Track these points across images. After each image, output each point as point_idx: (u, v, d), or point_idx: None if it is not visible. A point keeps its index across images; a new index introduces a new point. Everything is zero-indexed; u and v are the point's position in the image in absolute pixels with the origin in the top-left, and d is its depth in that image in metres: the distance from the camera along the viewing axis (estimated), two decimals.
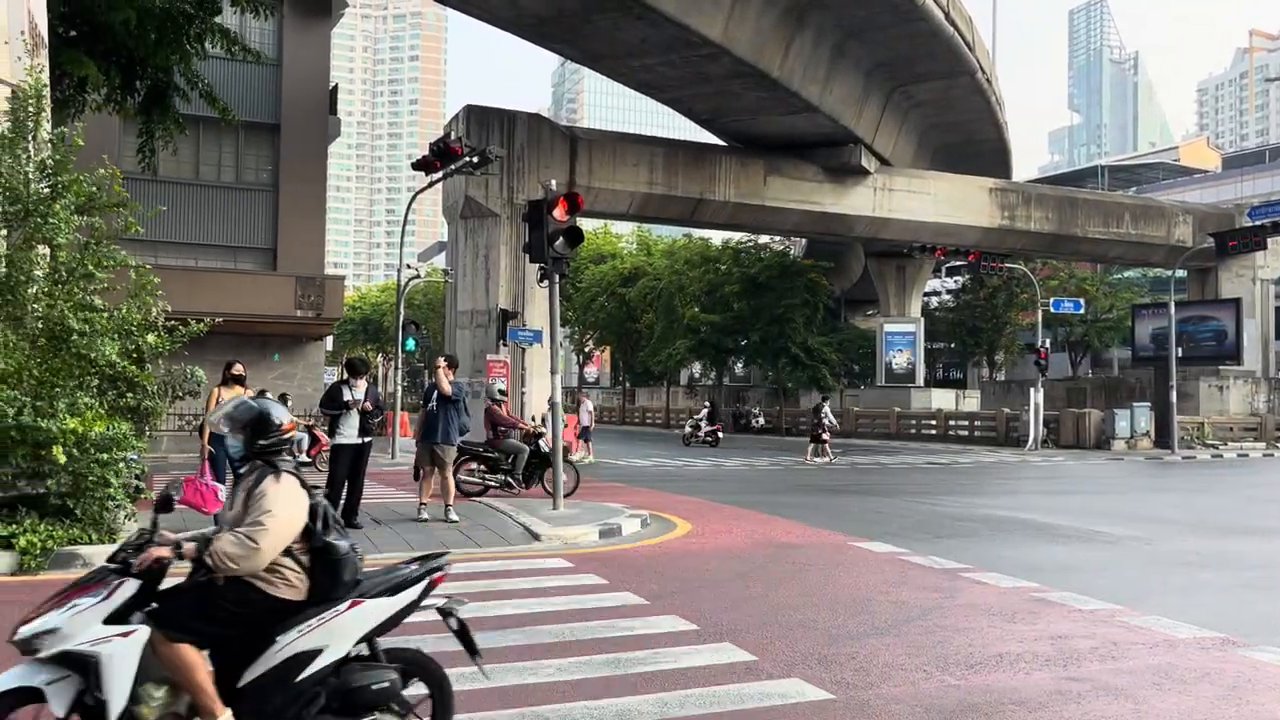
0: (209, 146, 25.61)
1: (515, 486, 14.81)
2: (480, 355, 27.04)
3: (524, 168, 27.73)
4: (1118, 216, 39.90)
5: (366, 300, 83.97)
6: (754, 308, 41.91)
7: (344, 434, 10.80)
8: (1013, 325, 50.90)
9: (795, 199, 32.66)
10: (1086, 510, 14.79)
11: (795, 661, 5.87)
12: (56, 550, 8.27)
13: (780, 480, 20.05)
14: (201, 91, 15.23)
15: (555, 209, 12.24)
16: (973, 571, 9.04)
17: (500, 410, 15.28)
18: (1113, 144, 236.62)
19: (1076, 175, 73.40)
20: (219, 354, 17.92)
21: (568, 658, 5.86)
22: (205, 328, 9.82)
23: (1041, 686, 5.47)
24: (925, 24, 26.33)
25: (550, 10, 22.90)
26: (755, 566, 9.19)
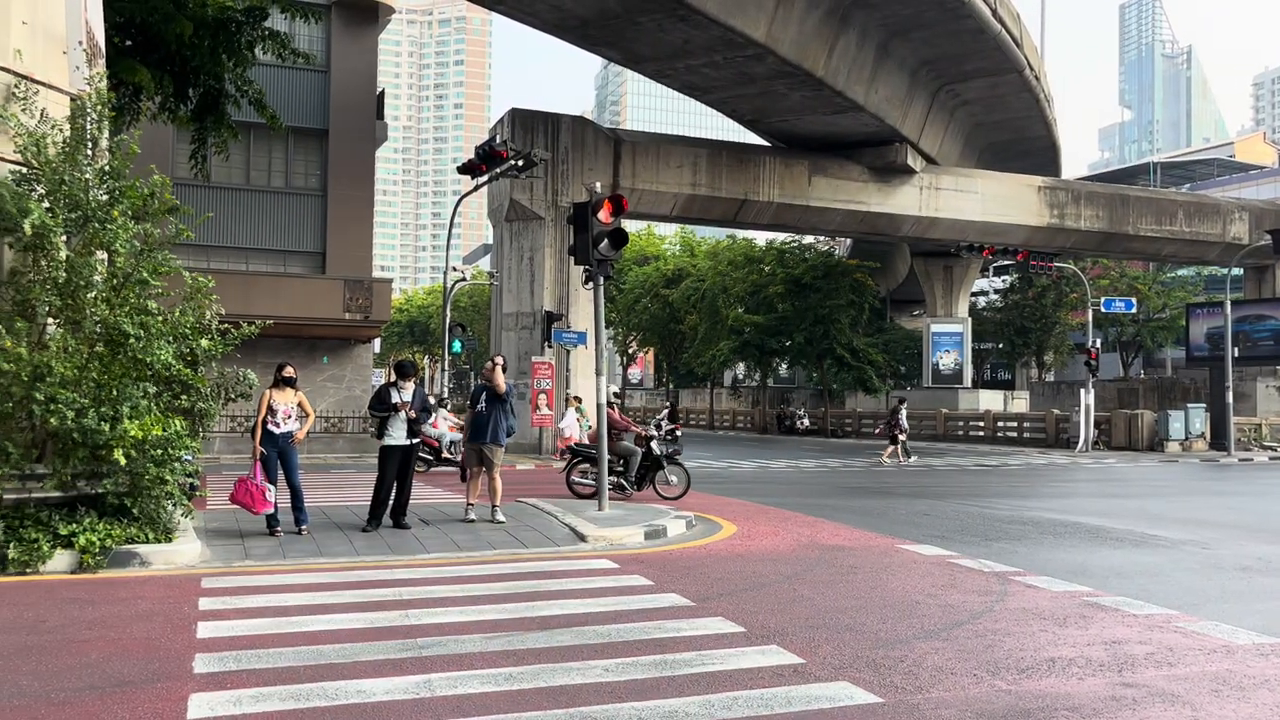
0: (259, 152, 26.02)
1: (628, 489, 14.96)
2: (525, 357, 27.22)
3: (568, 170, 27.86)
4: (1171, 214, 39.15)
5: (413, 303, 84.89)
6: (798, 308, 41.70)
7: (392, 435, 10.91)
8: (1062, 325, 50.15)
9: (840, 199, 32.46)
10: (1140, 513, 14.53)
11: (843, 664, 5.84)
12: (115, 549, 8.46)
13: (827, 482, 19.94)
14: (251, 98, 15.49)
15: (600, 211, 12.28)
16: (1023, 575, 8.93)
17: (613, 413, 15.37)
18: (1165, 140, 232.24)
19: (1128, 173, 72.10)
20: (270, 356, 18.22)
21: (615, 658, 5.87)
22: (256, 330, 9.97)
23: (1095, 692, 5.38)
24: (972, 21, 26.06)
25: (593, 13, 23.01)
26: (802, 569, 9.14)
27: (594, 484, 14.89)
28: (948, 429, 39.00)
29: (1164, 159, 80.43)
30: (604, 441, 12.81)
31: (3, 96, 9.12)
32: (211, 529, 10.56)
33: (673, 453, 15.60)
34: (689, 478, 15.33)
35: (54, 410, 8.24)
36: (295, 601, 7.35)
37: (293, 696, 5.08)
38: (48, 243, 8.71)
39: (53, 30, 9.72)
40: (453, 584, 8.11)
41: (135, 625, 6.52)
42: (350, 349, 27.51)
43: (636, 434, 15.58)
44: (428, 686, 5.28)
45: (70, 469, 8.58)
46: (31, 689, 5.15)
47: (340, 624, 6.65)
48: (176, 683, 5.29)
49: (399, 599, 7.49)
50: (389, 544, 10.00)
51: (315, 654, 5.87)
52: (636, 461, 15.08)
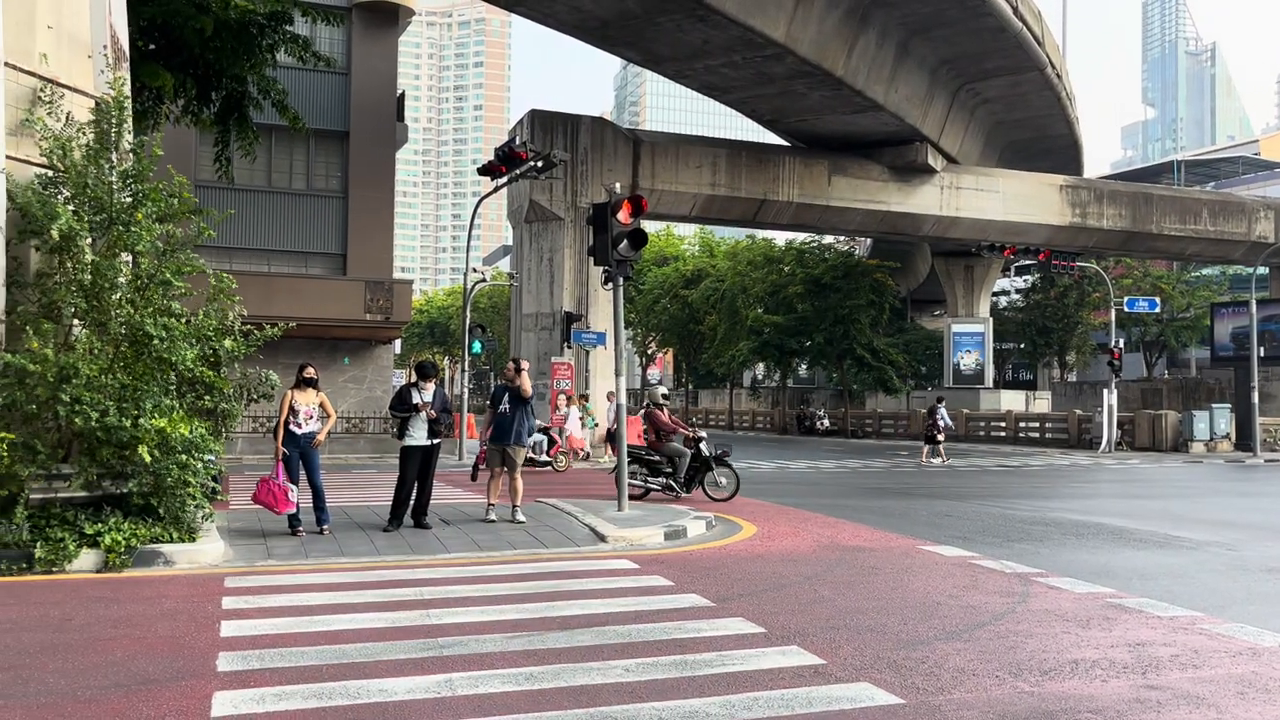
0: (280, 154, 26.19)
1: (677, 490, 14.96)
2: (545, 358, 27.26)
3: (587, 171, 27.88)
4: (1195, 213, 38.79)
5: (433, 304, 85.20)
6: (818, 309, 41.58)
7: (413, 436, 10.96)
8: (1084, 325, 49.76)
9: (860, 199, 32.34)
10: (1164, 514, 14.41)
11: (864, 665, 5.82)
12: (140, 548, 8.54)
13: (847, 483, 19.88)
14: (274, 100, 15.60)
15: (619, 212, 12.29)
16: (1046, 576, 8.87)
17: (662, 415, 15.40)
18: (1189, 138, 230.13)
19: (1151, 171, 71.46)
20: (291, 357, 18.33)
21: (635, 658, 5.88)
22: (279, 332, 10.04)
23: (1119, 695, 5.35)
24: (992, 19, 25.91)
25: (613, 13, 23.01)
26: (822, 569, 9.12)
27: (643, 485, 14.99)
28: (969, 430, 38.79)
29: (1188, 157, 79.66)
30: (623, 441, 12.81)
31: (29, 101, 9.23)
32: (234, 529, 10.63)
33: (721, 454, 15.46)
34: (738, 479, 15.21)
35: (79, 410, 8.33)
36: (317, 601, 7.40)
37: (315, 695, 5.11)
38: (73, 245, 8.81)
39: (78, 35, 9.82)
40: (473, 584, 8.14)
41: (160, 624, 6.58)
42: (371, 350, 27.64)
43: (685, 435, 15.52)
44: (449, 686, 5.31)
45: (96, 468, 8.67)
46: (58, 687, 5.21)
47: (362, 623, 6.69)
48: (200, 681, 5.33)
49: (420, 598, 7.52)
50: (410, 544, 10.04)
51: (337, 653, 5.91)
52: (685, 463, 15.04)
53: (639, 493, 14.93)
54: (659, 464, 15.10)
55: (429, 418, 10.90)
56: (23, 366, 8.23)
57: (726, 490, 14.91)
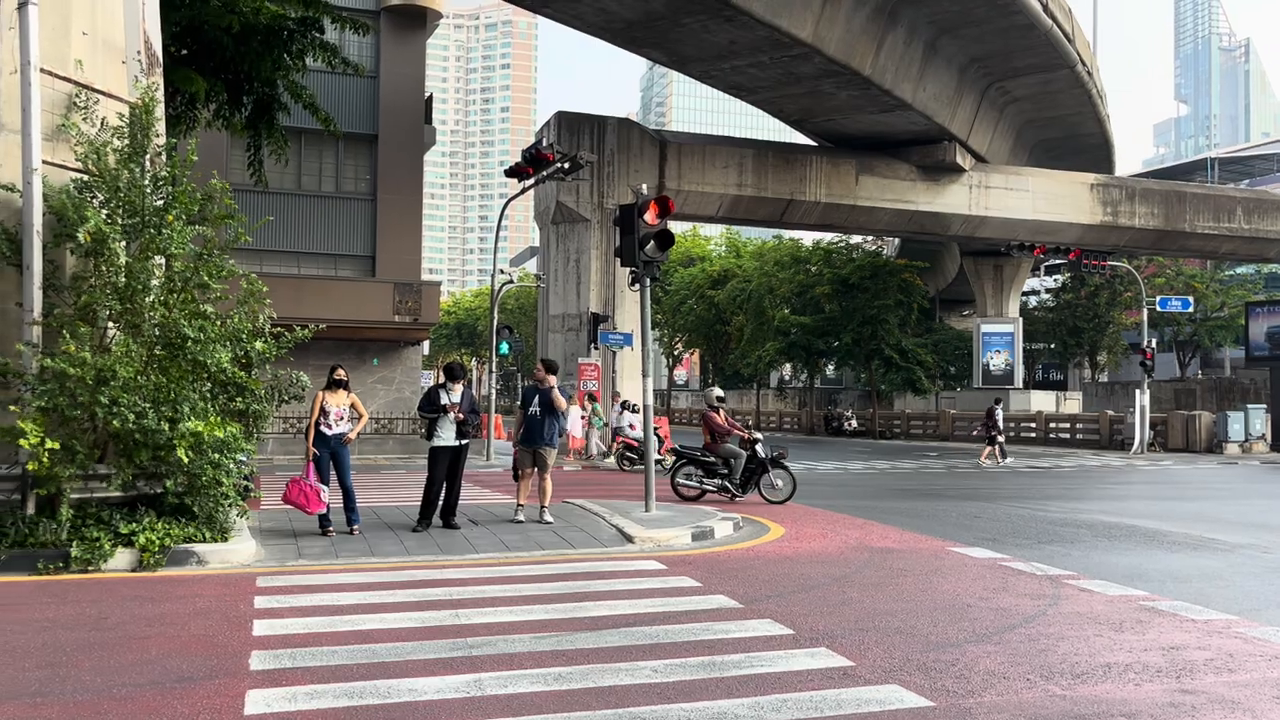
0: (310, 157, 26.42)
1: (733, 492, 14.86)
2: (571, 358, 27.33)
3: (614, 172, 27.93)
4: (1229, 210, 38.29)
5: (461, 305, 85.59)
6: (845, 309, 41.41)
7: (441, 436, 11.02)
8: (1116, 325, 49.24)
9: (888, 198, 32.18)
10: (1198, 516, 14.23)
11: (893, 668, 5.79)
12: (173, 548, 8.64)
13: (875, 484, 19.78)
14: (305, 104, 15.74)
15: (646, 213, 12.29)
16: (1077, 579, 8.79)
17: (717, 416, 15.39)
18: (1223, 135, 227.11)
19: (1184, 169, 70.62)
20: (321, 359, 18.50)
21: (663, 659, 5.88)
22: (309, 334, 10.13)
23: (1153, 699, 5.29)
24: (1022, 17, 25.71)
25: (639, 14, 23.05)
26: (851, 571, 9.08)
27: (699, 486, 14.95)
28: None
29: (1222, 154, 78.58)
30: (649, 442, 12.82)
31: (65, 106, 9.37)
32: (266, 529, 10.74)
33: (778, 455, 15.28)
34: (795, 481, 15.03)
35: (117, 412, 8.45)
36: (348, 600, 7.46)
37: (346, 694, 5.16)
38: (107, 248, 8.93)
39: (112, 40, 9.96)
40: (502, 584, 8.17)
41: (193, 622, 6.66)
42: (400, 351, 27.82)
43: (741, 436, 15.45)
44: (478, 686, 5.33)
45: (132, 469, 8.79)
46: (94, 684, 5.28)
47: (392, 623, 6.74)
48: (234, 679, 5.39)
49: (449, 598, 7.56)
50: (439, 544, 10.10)
51: (368, 652, 5.96)
52: (741, 464, 14.91)
53: (694, 494, 14.90)
54: (714, 465, 15.02)
55: (456, 419, 10.96)
56: (63, 370, 8.36)
57: (783, 493, 14.75)
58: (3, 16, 9.09)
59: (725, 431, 15.29)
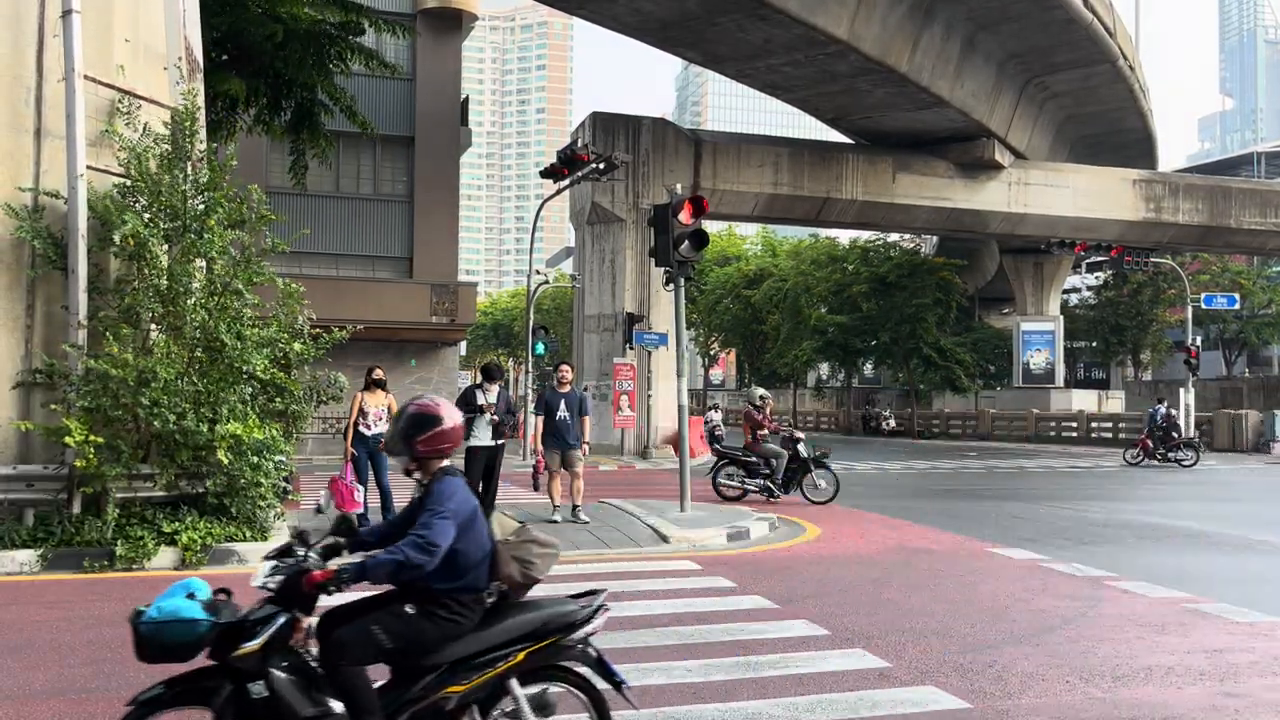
0: (348, 160, 26.67)
1: (775, 491, 14.77)
2: (607, 359, 27.37)
3: (649, 172, 27.93)
4: (1276, 205, 37.55)
5: (497, 306, 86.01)
6: (883, 308, 41.10)
7: (477, 437, 11.08)
8: (1159, 322, 48.45)
9: (925, 196, 31.90)
10: (1244, 518, 13.97)
11: (930, 669, 5.75)
12: (215, 547, 8.77)
13: (913, 485, 19.62)
14: (343, 107, 15.90)
15: (680, 212, 12.28)
16: (1119, 580, 8.66)
17: (759, 415, 15.39)
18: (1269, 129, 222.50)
19: (1229, 163, 69.32)
20: (359, 360, 18.65)
21: (698, 659, 5.88)
22: (347, 335, 10.23)
23: (1195, 702, 5.21)
24: (1061, 11, 25.38)
25: (673, 14, 23.02)
26: (888, 572, 9.02)
27: (740, 486, 14.90)
28: (1039, 430, 38.01)
29: (1268, 148, 77.01)
30: (684, 442, 12.81)
31: (108, 112, 9.53)
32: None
33: (821, 455, 15.17)
34: (838, 482, 14.88)
35: (158, 413, 8.59)
36: None
37: None
38: (148, 251, 9.08)
39: (153, 46, 10.13)
40: (538, 583, 8.19)
41: None
42: (437, 351, 28.01)
43: (783, 435, 15.38)
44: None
45: (174, 469, 8.94)
46: (138, 681, 5.36)
47: None
48: None
49: None
50: None
51: None
52: (783, 464, 14.82)
53: (736, 494, 14.84)
54: (756, 465, 14.94)
55: (492, 420, 11.02)
56: (105, 371, 8.52)
57: (826, 493, 14.61)
58: (47, 24, 9.27)
59: (771, 429, 15.21)
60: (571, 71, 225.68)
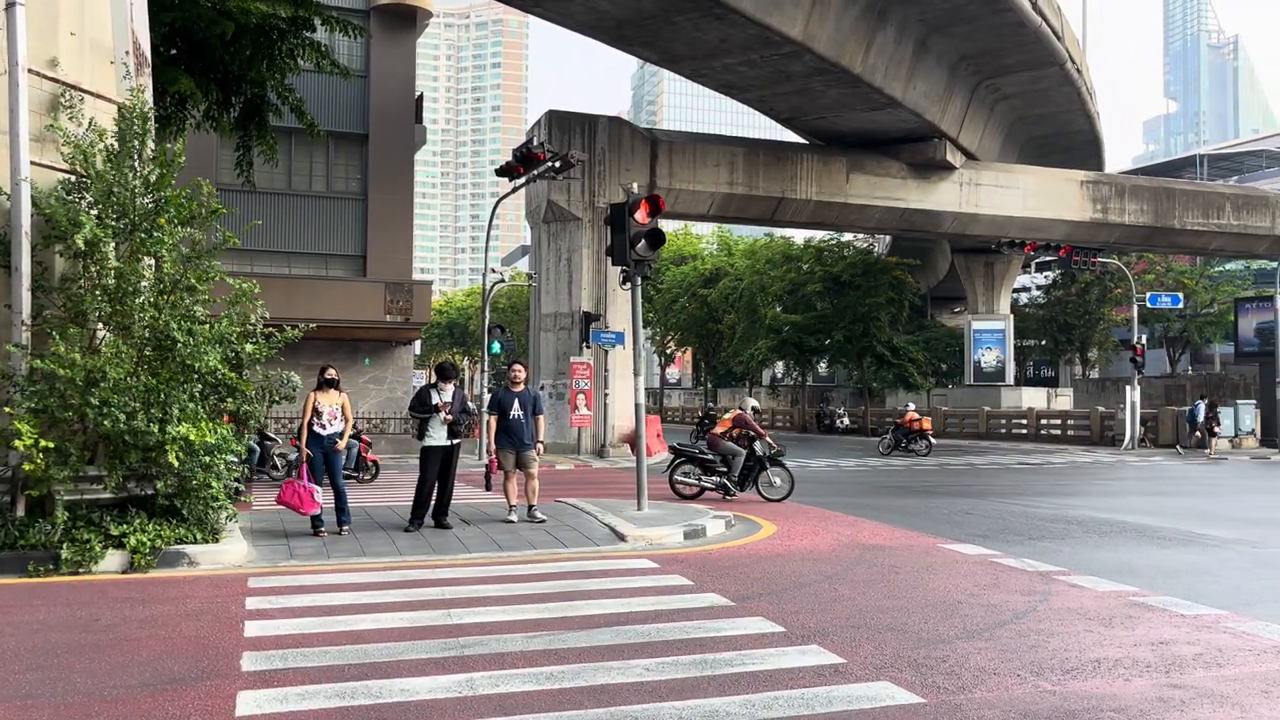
0: (300, 157, 26.36)
1: (732, 489, 14.91)
2: (563, 357, 27.33)
3: (605, 171, 27.92)
4: (1218, 207, 38.44)
5: (452, 304, 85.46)
6: (837, 307, 41.48)
7: (433, 436, 11.01)
8: (1107, 321, 49.41)
9: (879, 196, 32.22)
10: (1188, 512, 14.30)
11: (884, 664, 5.82)
12: (164, 549, 8.62)
13: (867, 481, 19.82)
14: (292, 106, 15.70)
15: (637, 212, 12.30)
16: (1068, 575, 8.83)
17: (749, 418, 15.47)
18: (1212, 132, 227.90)
19: (1173, 165, 70.79)
20: (312, 359, 18.48)
21: (655, 658, 5.89)
22: (300, 334, 10.11)
23: (1142, 694, 5.32)
24: (1012, 14, 25.76)
25: (629, 13, 23.02)
26: (842, 568, 9.11)
27: (697, 484, 14.98)
28: (990, 427, 38.59)
29: (1211, 151, 78.83)
30: (641, 439, 12.83)
31: (52, 107, 9.33)
32: (257, 529, 10.72)
33: (776, 453, 15.33)
34: (793, 479, 15.08)
35: (107, 414, 8.43)
36: (340, 601, 7.46)
37: (338, 695, 5.16)
38: (97, 251, 8.91)
39: (100, 41, 9.92)
40: (494, 583, 8.18)
41: (185, 624, 6.65)
42: (391, 351, 27.78)
43: (740, 434, 15.42)
44: (470, 685, 5.34)
45: (122, 471, 8.77)
46: (85, 686, 5.27)
47: (384, 623, 6.74)
48: (225, 680, 5.39)
49: (442, 598, 7.56)
50: (431, 544, 10.10)
51: (359, 653, 5.96)
52: (740, 462, 14.99)
53: (693, 492, 14.92)
54: (713, 463, 15.05)
55: (446, 420, 10.95)
56: (52, 370, 8.34)
57: (781, 490, 14.78)
58: None
59: (760, 434, 15.31)
60: (527, 69, 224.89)
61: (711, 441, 15.24)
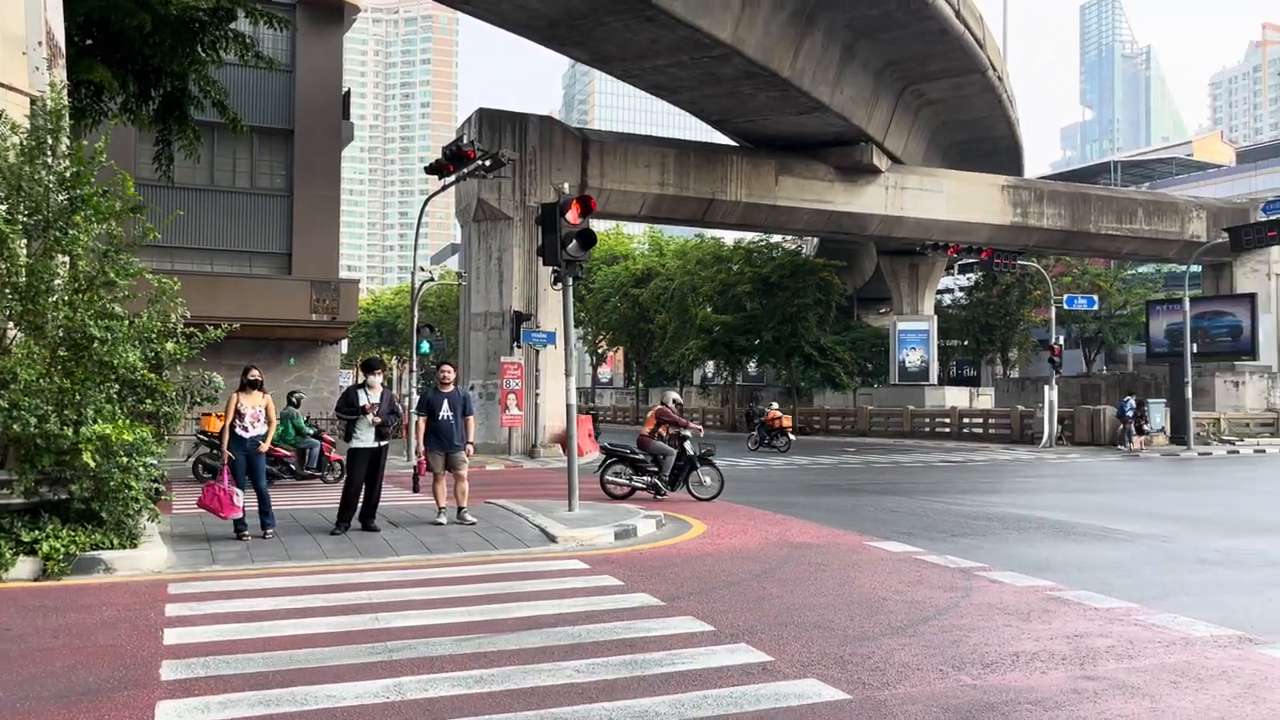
0: (224, 152, 25.77)
1: (662, 488, 14.92)
2: (494, 357, 27.16)
3: (536, 170, 27.82)
4: (1131, 212, 39.73)
5: (380, 303, 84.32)
6: (766, 307, 41.91)
7: (360, 438, 10.87)
8: (1026, 322, 50.73)
9: (807, 198, 32.64)
10: (1103, 508, 14.76)
11: (811, 662, 5.91)
12: (79, 556, 8.37)
13: (795, 480, 20.07)
14: (214, 100, 15.34)
15: (568, 212, 12.29)
16: (988, 570, 9.06)
17: (671, 412, 15.46)
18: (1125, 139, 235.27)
19: (1089, 171, 73.03)
20: (235, 359, 18.06)
21: (585, 659, 5.90)
22: (223, 333, 9.90)
23: (1058, 685, 5.49)
24: (935, 22, 26.30)
25: (560, 12, 22.98)
26: (771, 567, 9.22)
27: (628, 484, 14.98)
28: (914, 426, 39.34)
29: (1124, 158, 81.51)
30: (573, 440, 12.81)
31: None
32: (178, 534, 10.47)
33: (706, 452, 15.45)
34: (723, 478, 15.18)
35: (17, 417, 8.15)
36: (263, 606, 7.32)
37: (261, 702, 5.07)
38: (6, 247, 8.60)
39: (11, 30, 9.60)
40: (423, 586, 8.11)
41: (101, 632, 6.47)
42: (317, 350, 27.32)
43: (671, 434, 15.46)
44: (398, 690, 5.29)
45: (34, 475, 8.49)
46: None
47: (309, 628, 6.64)
48: (144, 690, 5.26)
49: (369, 602, 7.47)
50: (358, 547, 9.97)
51: (284, 659, 5.86)
52: (671, 462, 15.03)
53: (624, 492, 14.94)
54: (643, 463, 15.09)
55: (374, 422, 10.82)
56: None
57: (711, 490, 14.89)
58: None
59: (684, 424, 15.37)
60: (457, 67, 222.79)
61: (642, 441, 15.29)
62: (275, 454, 17.39)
